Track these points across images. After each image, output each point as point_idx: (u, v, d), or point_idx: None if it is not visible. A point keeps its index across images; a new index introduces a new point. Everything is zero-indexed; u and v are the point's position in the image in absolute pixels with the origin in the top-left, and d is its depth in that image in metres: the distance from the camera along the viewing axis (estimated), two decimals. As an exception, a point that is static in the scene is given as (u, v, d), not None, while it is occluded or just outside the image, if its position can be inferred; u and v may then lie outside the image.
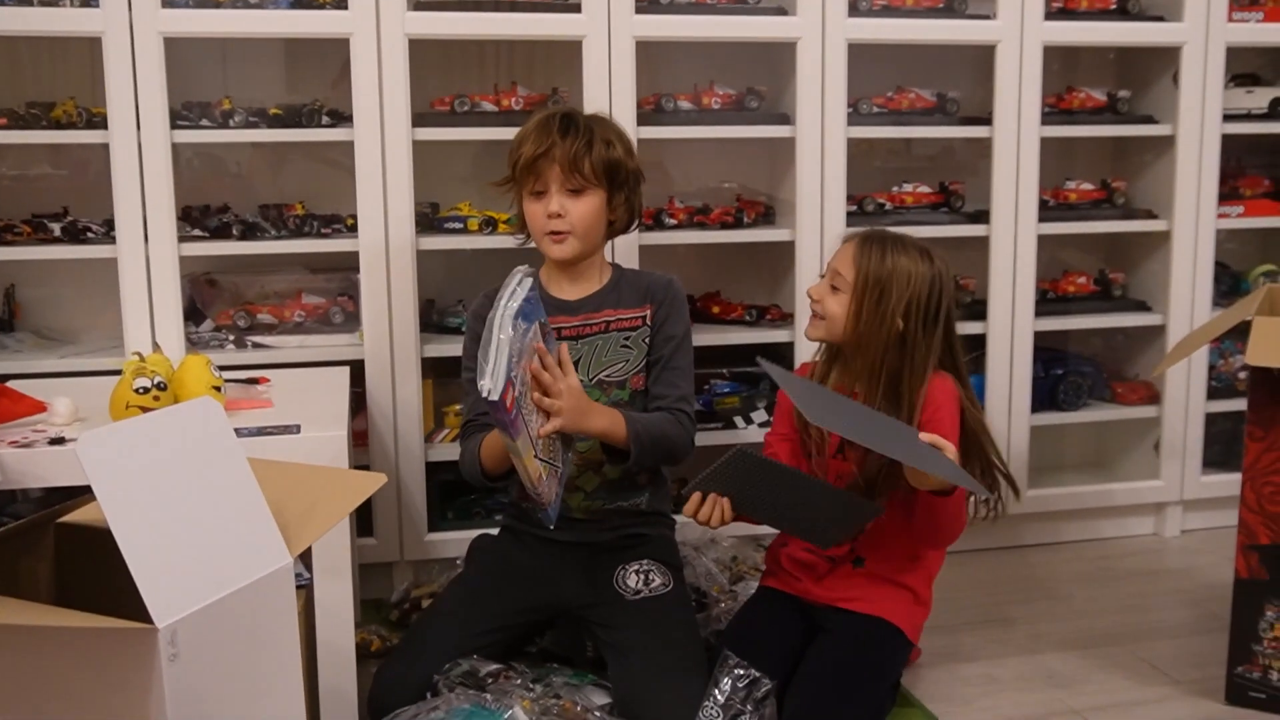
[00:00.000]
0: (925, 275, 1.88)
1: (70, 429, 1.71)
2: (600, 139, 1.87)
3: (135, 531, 0.95)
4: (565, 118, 1.88)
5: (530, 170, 1.87)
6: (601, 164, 1.86)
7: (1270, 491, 1.88)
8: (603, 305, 1.95)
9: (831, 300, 1.92)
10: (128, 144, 2.15)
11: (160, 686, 0.92)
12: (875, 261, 1.87)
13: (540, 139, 1.85)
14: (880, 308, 1.86)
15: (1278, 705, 1.90)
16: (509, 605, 1.92)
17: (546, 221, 1.87)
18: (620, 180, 1.91)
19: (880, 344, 1.87)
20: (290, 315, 2.40)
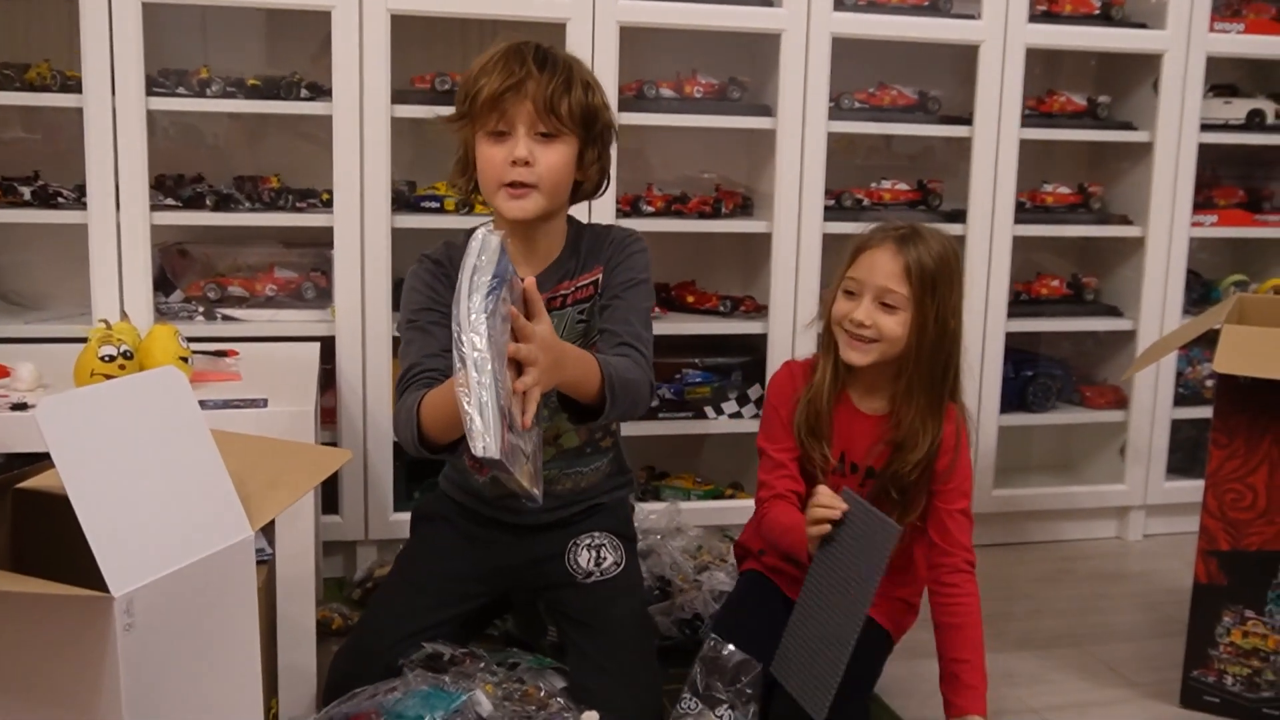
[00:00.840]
0: (954, 250, 1.77)
1: (33, 395, 1.69)
2: (579, 80, 1.62)
3: (94, 499, 0.94)
4: (539, 49, 1.62)
5: (493, 106, 1.57)
6: (580, 108, 1.61)
7: (1232, 498, 1.90)
8: (562, 277, 1.72)
9: (887, 320, 1.72)
10: (102, 109, 2.13)
11: (115, 656, 0.91)
12: (925, 261, 1.72)
13: (510, 69, 1.57)
14: (941, 311, 1.72)
15: (1232, 709, 1.93)
16: (461, 587, 1.82)
17: (508, 170, 1.59)
18: (596, 132, 1.66)
19: (939, 350, 1.74)
20: (262, 289, 2.38)
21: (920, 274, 1.71)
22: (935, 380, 1.76)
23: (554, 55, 1.62)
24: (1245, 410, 1.88)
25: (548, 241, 1.71)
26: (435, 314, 1.65)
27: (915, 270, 1.71)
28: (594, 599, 1.80)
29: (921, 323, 1.72)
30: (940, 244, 1.74)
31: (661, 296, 2.64)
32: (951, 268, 1.74)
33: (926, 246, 1.72)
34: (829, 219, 2.50)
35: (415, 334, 1.64)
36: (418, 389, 1.56)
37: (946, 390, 1.78)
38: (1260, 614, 1.90)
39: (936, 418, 1.77)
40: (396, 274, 2.34)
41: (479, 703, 1.61)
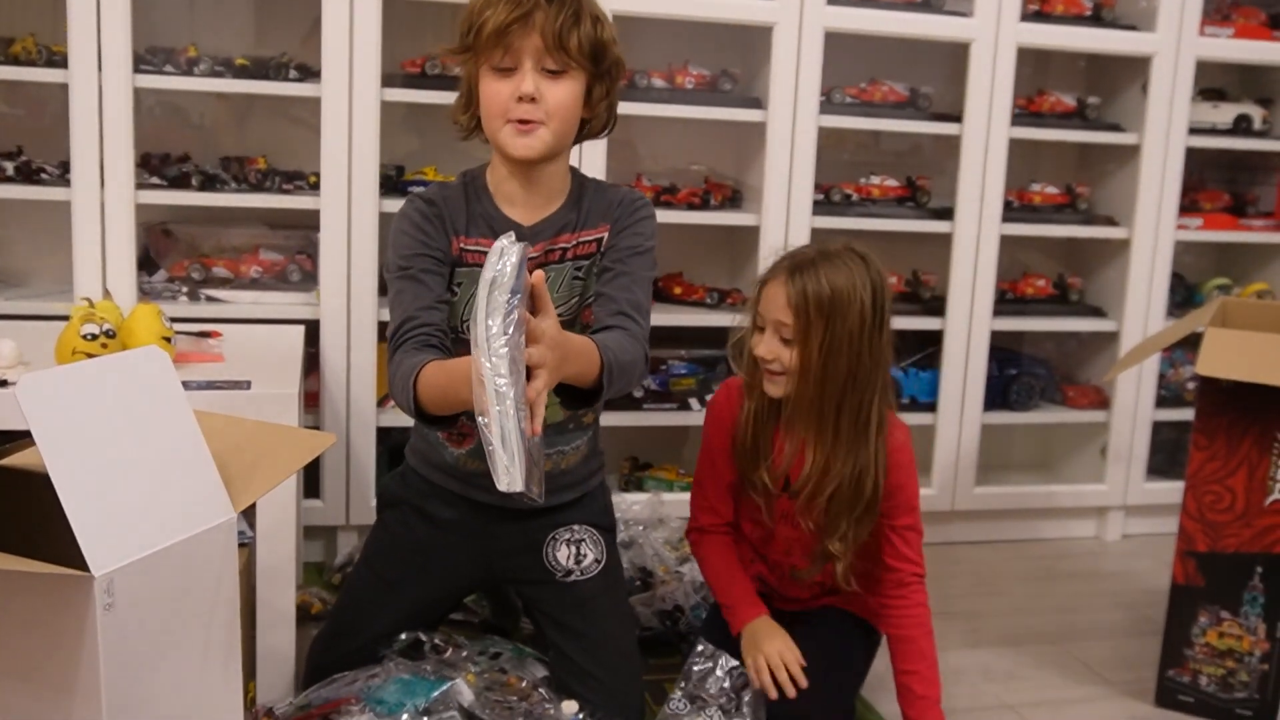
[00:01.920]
0: (865, 282, 1.67)
1: (12, 372, 1.67)
2: (588, 13, 1.54)
3: (74, 478, 0.93)
4: None
5: (499, 40, 1.49)
6: (589, 42, 1.53)
7: (1211, 500, 1.91)
8: (564, 228, 1.65)
9: (787, 352, 1.68)
10: (88, 85, 2.10)
11: (94, 635, 0.90)
12: (817, 290, 1.64)
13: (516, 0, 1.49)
14: (834, 341, 1.65)
15: (1205, 709, 1.94)
16: (435, 582, 1.79)
17: (514, 106, 1.52)
18: (605, 68, 1.58)
19: (840, 381, 1.67)
20: (246, 271, 2.36)
21: (806, 305, 1.64)
22: (840, 413, 1.69)
23: None
24: (1226, 413, 1.89)
25: (549, 186, 1.64)
26: (428, 260, 1.59)
27: (800, 301, 1.65)
28: (573, 598, 1.75)
29: (808, 355, 1.66)
30: (845, 272, 1.66)
31: (648, 287, 2.63)
32: (850, 296, 1.65)
33: (819, 276, 1.65)
34: (818, 213, 2.50)
35: (407, 283, 1.58)
36: (414, 350, 1.51)
37: (860, 422, 1.70)
38: (1236, 615, 1.91)
39: (852, 449, 1.70)
40: (383, 259, 2.32)
41: (460, 692, 1.61)
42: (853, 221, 2.57)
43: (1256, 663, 1.90)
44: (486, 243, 1.61)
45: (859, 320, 1.65)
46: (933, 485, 2.68)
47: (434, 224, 1.61)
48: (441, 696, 1.58)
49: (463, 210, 1.64)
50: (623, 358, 1.49)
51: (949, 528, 2.76)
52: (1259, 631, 1.90)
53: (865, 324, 1.66)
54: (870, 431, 1.71)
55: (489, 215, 1.63)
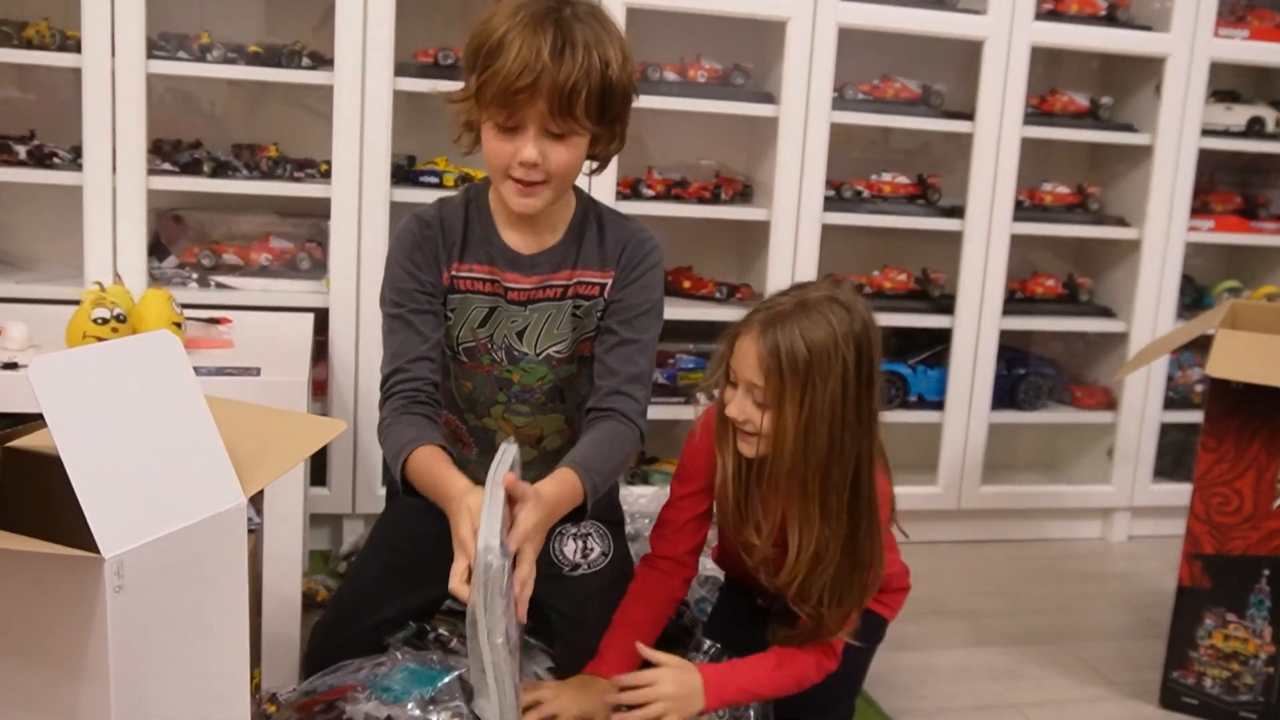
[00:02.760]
0: (848, 336, 1.49)
1: (23, 355, 1.68)
2: (599, 58, 1.43)
3: (85, 459, 0.93)
4: (558, 24, 1.43)
5: (503, 102, 1.43)
6: (599, 98, 1.45)
7: (1218, 502, 1.91)
8: (563, 263, 1.62)
9: (757, 414, 1.53)
10: (101, 70, 2.11)
11: (103, 617, 0.90)
12: (785, 351, 1.48)
13: (524, 60, 1.40)
14: (813, 408, 1.49)
15: (1210, 711, 1.94)
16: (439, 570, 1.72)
17: (517, 166, 1.48)
18: (615, 112, 1.51)
19: (822, 452, 1.51)
20: (256, 258, 2.36)
21: (779, 367, 1.48)
22: (826, 489, 1.53)
23: (574, 28, 1.44)
24: (1235, 415, 1.89)
25: (551, 217, 1.62)
26: (419, 297, 1.59)
27: (771, 363, 1.48)
28: (581, 592, 1.76)
29: (783, 423, 1.50)
30: (825, 327, 1.48)
31: (657, 281, 2.63)
32: (829, 356, 1.48)
33: (794, 333, 1.48)
34: (828, 209, 2.50)
35: (398, 324, 1.57)
36: (403, 408, 1.53)
37: (853, 497, 1.55)
38: (1242, 618, 1.91)
39: (846, 529, 1.55)
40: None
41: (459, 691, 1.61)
42: (863, 218, 2.57)
43: (1261, 666, 1.90)
44: (482, 269, 1.60)
45: (840, 383, 1.49)
46: (939, 484, 2.68)
47: (426, 252, 1.59)
48: (447, 686, 1.58)
49: (461, 233, 1.61)
50: (607, 467, 1.52)
51: (955, 526, 2.75)
52: (1265, 634, 1.89)
53: (849, 386, 1.50)
54: (866, 504, 1.56)
55: (488, 241, 1.61)
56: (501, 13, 1.45)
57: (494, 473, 1.30)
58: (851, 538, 1.56)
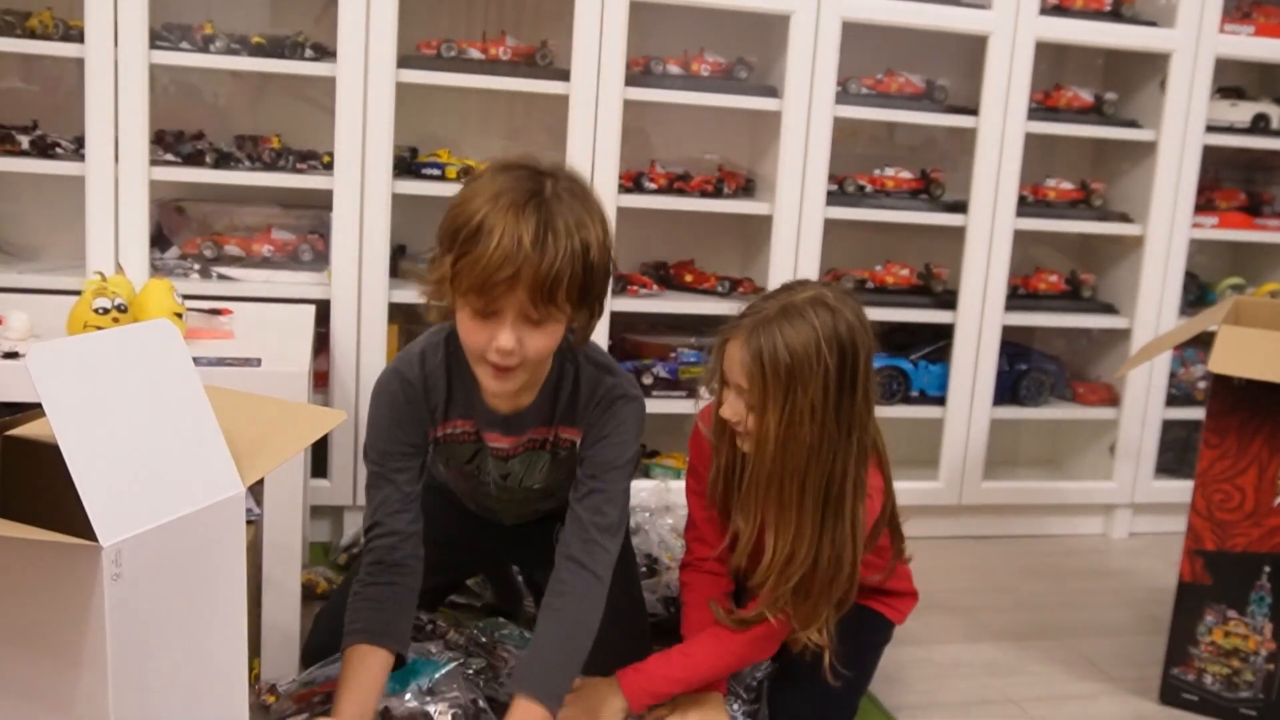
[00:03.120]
0: (831, 340, 1.50)
1: (24, 344, 1.67)
2: (582, 241, 1.38)
3: (84, 448, 0.93)
4: (539, 209, 1.36)
5: (480, 292, 1.37)
6: (580, 285, 1.40)
7: (1220, 498, 1.90)
8: (541, 420, 1.60)
9: (751, 417, 1.56)
10: (104, 60, 2.10)
11: (101, 606, 0.90)
12: (768, 356, 1.49)
13: (506, 249, 1.33)
14: (794, 412, 1.50)
15: (1209, 708, 1.94)
16: (442, 558, 1.75)
17: (492, 352, 1.42)
18: (596, 292, 1.45)
19: (802, 455, 1.53)
20: (258, 249, 2.36)
21: (762, 372, 1.50)
22: (804, 491, 1.54)
23: (557, 216, 1.37)
24: (1237, 411, 1.88)
25: (529, 380, 1.55)
26: (401, 456, 1.57)
27: (754, 368, 1.50)
28: None
29: (765, 426, 1.52)
30: (807, 331, 1.49)
31: (659, 274, 2.63)
32: (810, 362, 1.48)
33: (776, 339, 1.49)
34: (831, 204, 2.49)
35: (381, 481, 1.57)
36: (371, 582, 1.55)
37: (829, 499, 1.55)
38: (1243, 615, 1.90)
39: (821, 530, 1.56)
40: (395, 240, 2.33)
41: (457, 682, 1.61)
42: (866, 213, 2.56)
43: (1262, 662, 1.90)
44: (465, 423, 1.60)
45: (821, 389, 1.49)
46: (940, 479, 2.68)
47: (411, 411, 1.57)
48: (445, 676, 1.58)
49: (443, 390, 1.58)
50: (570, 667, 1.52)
51: (956, 522, 2.75)
52: (1265, 631, 1.89)
53: (829, 391, 1.50)
54: (844, 509, 1.56)
55: (469, 399, 1.58)
56: (481, 194, 1.38)
57: None
58: (823, 544, 1.56)
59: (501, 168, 1.42)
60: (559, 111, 2.34)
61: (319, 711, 1.60)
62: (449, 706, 1.53)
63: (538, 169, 1.43)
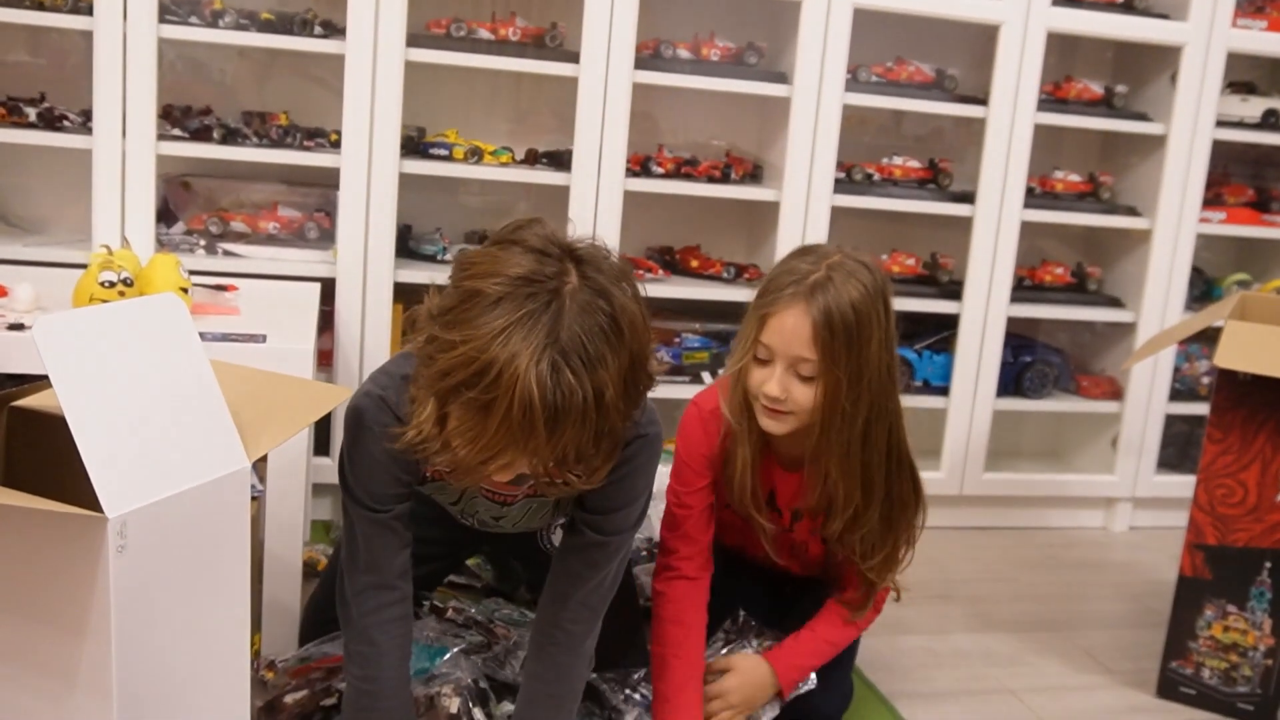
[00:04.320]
0: (878, 293, 1.51)
1: (30, 316, 1.67)
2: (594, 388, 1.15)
3: (90, 420, 0.93)
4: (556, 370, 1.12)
5: (469, 475, 1.23)
6: (589, 441, 1.20)
7: (1223, 494, 1.90)
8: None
9: (803, 391, 1.50)
10: (113, 34, 2.10)
11: (106, 577, 0.90)
12: (839, 313, 1.46)
13: (512, 433, 1.13)
14: (859, 370, 1.49)
15: (1207, 702, 1.94)
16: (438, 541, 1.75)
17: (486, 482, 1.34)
18: (610, 436, 1.24)
19: (865, 413, 1.52)
20: (264, 226, 2.36)
21: (832, 337, 1.46)
22: (866, 445, 1.54)
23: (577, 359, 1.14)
24: (1242, 407, 1.88)
25: None
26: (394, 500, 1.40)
27: (826, 335, 1.46)
28: None
29: (834, 390, 1.49)
30: (859, 288, 1.48)
31: (665, 259, 2.63)
32: (870, 316, 1.48)
33: (838, 293, 1.47)
34: (839, 192, 2.49)
35: (373, 529, 1.40)
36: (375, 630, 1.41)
37: (891, 452, 1.57)
38: (1242, 610, 1.91)
39: (856, 490, 1.56)
40: (402, 219, 2.32)
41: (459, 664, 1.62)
42: (873, 201, 2.56)
43: (1260, 658, 1.90)
44: None
45: (880, 341, 1.50)
46: (942, 469, 2.68)
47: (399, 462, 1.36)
48: (448, 659, 1.59)
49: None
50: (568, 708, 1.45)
51: (957, 512, 2.75)
52: (1264, 627, 1.89)
53: (884, 344, 1.51)
54: (905, 455, 1.59)
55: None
56: (483, 333, 1.13)
57: None
58: (888, 497, 1.59)
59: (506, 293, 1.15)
60: (568, 94, 2.33)
61: (318, 689, 1.60)
62: (454, 689, 1.53)
63: (551, 277, 1.17)
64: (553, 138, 2.51)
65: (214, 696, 1.06)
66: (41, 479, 1.10)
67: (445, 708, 1.52)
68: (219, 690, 1.06)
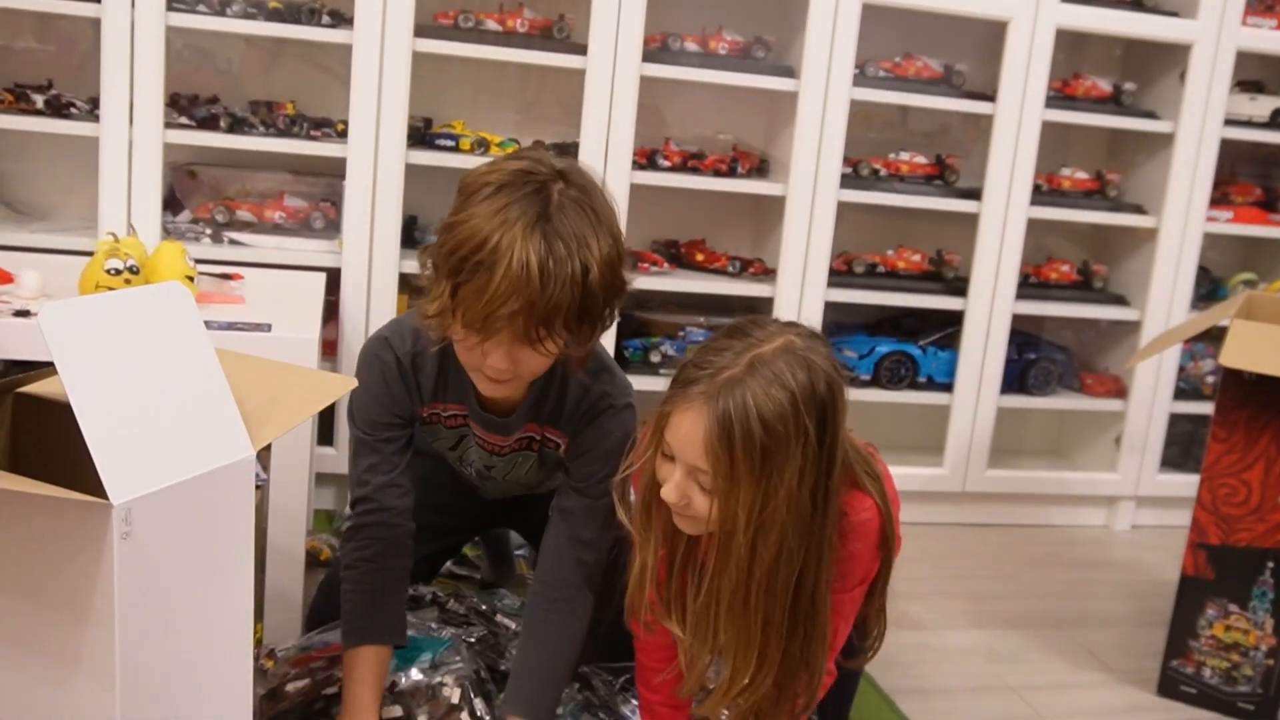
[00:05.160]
0: (810, 400, 1.22)
1: (36, 303, 1.68)
2: (581, 263, 1.30)
3: (95, 407, 0.93)
4: (546, 233, 1.28)
5: (480, 326, 1.32)
6: (577, 311, 1.32)
7: (1226, 493, 1.90)
8: (534, 417, 1.55)
9: (703, 501, 1.25)
10: (121, 21, 2.10)
11: (111, 564, 0.90)
12: (740, 435, 1.19)
13: (511, 277, 1.26)
14: (768, 502, 1.21)
15: (1207, 701, 1.94)
16: (442, 522, 1.79)
17: (485, 367, 1.38)
18: (594, 316, 1.37)
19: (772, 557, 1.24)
20: (270, 216, 2.36)
21: (730, 446, 1.20)
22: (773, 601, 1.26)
23: (564, 234, 1.29)
24: (1247, 406, 1.88)
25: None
26: (386, 427, 1.53)
27: (722, 443, 1.20)
28: None
29: (731, 508, 1.22)
30: (784, 395, 1.20)
31: (670, 253, 2.63)
32: (790, 436, 1.20)
33: (749, 401, 1.19)
34: (845, 187, 2.48)
35: (366, 450, 1.53)
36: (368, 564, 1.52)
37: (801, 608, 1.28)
38: (1244, 609, 1.91)
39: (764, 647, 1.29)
40: (408, 210, 2.32)
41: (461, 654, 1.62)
42: (879, 197, 2.55)
43: (1262, 657, 1.90)
44: (457, 407, 1.56)
45: (800, 464, 1.21)
46: (945, 466, 2.68)
47: (399, 390, 1.52)
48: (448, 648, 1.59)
49: (434, 373, 1.53)
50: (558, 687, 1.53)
51: (959, 509, 2.75)
52: (1266, 627, 1.89)
53: (808, 466, 1.22)
54: (816, 608, 1.30)
55: (461, 386, 1.53)
56: (484, 212, 1.30)
57: None
58: (789, 657, 1.31)
59: (504, 182, 1.32)
60: (575, 86, 2.33)
61: (319, 678, 1.61)
62: (455, 679, 1.53)
63: (542, 176, 1.33)
64: (559, 129, 2.51)
65: (217, 684, 1.06)
66: (47, 465, 1.10)
67: (447, 698, 1.52)
68: (222, 677, 1.07)
